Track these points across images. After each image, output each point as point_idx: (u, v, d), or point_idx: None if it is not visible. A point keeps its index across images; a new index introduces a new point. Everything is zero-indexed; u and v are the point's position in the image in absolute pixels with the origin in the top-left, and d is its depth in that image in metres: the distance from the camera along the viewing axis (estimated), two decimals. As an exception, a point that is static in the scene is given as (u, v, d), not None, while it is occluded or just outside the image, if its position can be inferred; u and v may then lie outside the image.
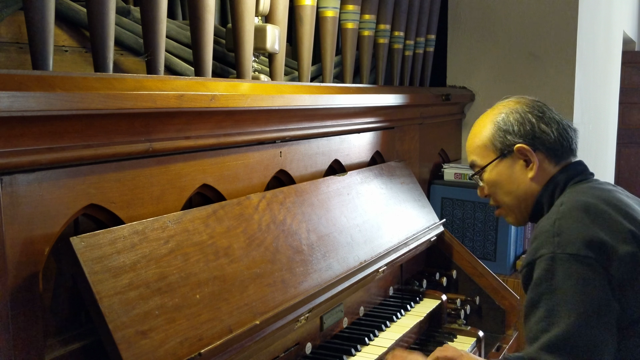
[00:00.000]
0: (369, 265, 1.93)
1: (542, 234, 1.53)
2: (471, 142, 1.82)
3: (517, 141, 1.70)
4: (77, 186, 1.25)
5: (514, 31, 3.20)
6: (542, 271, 1.48)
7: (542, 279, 1.48)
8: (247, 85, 1.66)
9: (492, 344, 2.34)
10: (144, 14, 1.48)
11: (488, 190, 1.79)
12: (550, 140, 1.69)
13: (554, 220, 1.53)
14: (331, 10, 2.23)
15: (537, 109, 1.73)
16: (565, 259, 1.46)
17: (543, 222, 1.58)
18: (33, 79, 1.09)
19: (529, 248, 1.59)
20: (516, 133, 1.70)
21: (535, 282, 1.50)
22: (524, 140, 1.69)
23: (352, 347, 1.82)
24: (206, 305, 1.34)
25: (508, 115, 1.73)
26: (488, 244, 2.96)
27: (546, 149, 1.69)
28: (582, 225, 1.49)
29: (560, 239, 1.49)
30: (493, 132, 1.74)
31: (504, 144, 1.72)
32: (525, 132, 1.69)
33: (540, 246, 1.52)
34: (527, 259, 1.56)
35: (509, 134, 1.71)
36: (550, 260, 1.48)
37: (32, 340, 1.16)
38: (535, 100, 1.77)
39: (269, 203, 1.70)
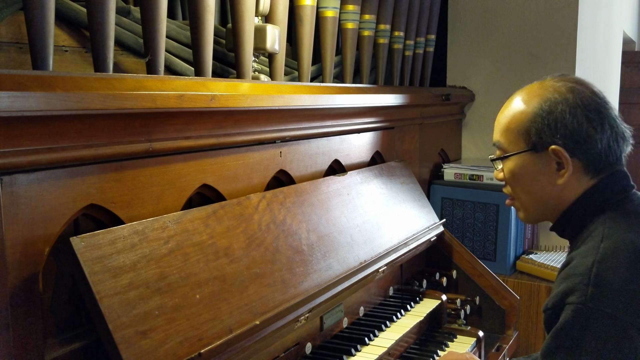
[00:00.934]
0: (369, 265, 1.93)
1: (575, 277, 1.29)
2: (503, 119, 1.55)
3: (555, 141, 1.42)
4: (77, 186, 1.25)
5: (514, 31, 3.20)
6: (568, 322, 1.27)
7: (565, 331, 1.27)
8: (247, 85, 1.66)
9: (492, 344, 2.34)
10: (144, 14, 1.48)
11: (506, 178, 1.57)
12: (594, 151, 1.41)
13: (592, 263, 1.28)
14: (331, 10, 2.23)
15: (595, 107, 1.42)
16: (599, 318, 1.23)
17: (578, 259, 1.33)
18: (33, 79, 1.09)
19: (557, 285, 1.34)
20: (557, 131, 1.42)
21: (558, 329, 1.28)
22: (563, 141, 1.41)
23: (352, 347, 1.82)
24: (206, 305, 1.34)
25: (557, 105, 1.43)
26: (488, 244, 2.96)
27: (586, 158, 1.42)
28: (628, 277, 1.25)
29: (596, 291, 1.25)
30: (532, 119, 1.46)
31: (540, 139, 1.45)
32: (568, 133, 1.41)
33: (570, 290, 1.28)
34: (553, 301, 1.32)
35: (549, 128, 1.43)
36: (579, 313, 1.25)
37: (32, 340, 1.16)
38: (595, 93, 1.46)
39: (269, 203, 1.70)
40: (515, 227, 2.95)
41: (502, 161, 1.55)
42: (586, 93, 1.45)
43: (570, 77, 1.52)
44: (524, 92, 1.54)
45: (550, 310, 1.33)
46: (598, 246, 1.32)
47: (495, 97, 3.30)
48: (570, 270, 1.33)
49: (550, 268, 2.84)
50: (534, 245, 3.22)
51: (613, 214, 1.40)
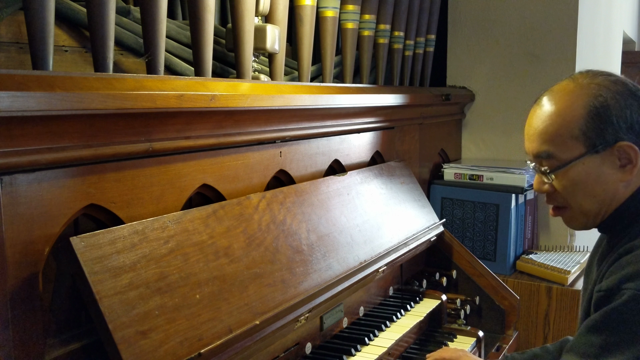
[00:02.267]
0: (369, 265, 1.93)
1: (636, 264, 1.30)
2: (547, 126, 1.44)
3: (621, 136, 1.36)
4: (77, 186, 1.25)
5: (514, 31, 3.20)
6: (623, 305, 1.28)
7: (618, 311, 1.28)
8: (247, 85, 1.66)
9: (492, 344, 2.34)
10: (144, 14, 1.48)
11: (560, 190, 1.46)
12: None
13: None
14: (331, 10, 2.23)
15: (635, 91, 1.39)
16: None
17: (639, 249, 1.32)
18: (33, 79, 1.09)
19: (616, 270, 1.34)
20: (620, 126, 1.35)
21: (612, 309, 1.30)
22: (628, 135, 1.36)
23: (352, 347, 1.82)
24: (206, 305, 1.34)
25: (608, 100, 1.36)
26: (488, 244, 2.96)
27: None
28: None
29: None
30: (588, 119, 1.37)
31: (602, 137, 1.36)
32: (629, 126, 1.35)
33: (632, 276, 1.29)
34: (609, 284, 1.32)
35: (610, 124, 1.35)
36: (635, 299, 1.27)
37: (32, 340, 1.16)
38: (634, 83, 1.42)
39: (268, 203, 1.70)
40: (515, 227, 2.95)
41: (559, 171, 1.44)
42: (630, 83, 1.40)
43: (601, 70, 1.45)
44: (559, 94, 1.45)
45: (604, 292, 1.33)
46: None
47: (495, 97, 3.30)
48: (631, 258, 1.32)
49: (550, 268, 2.84)
50: (534, 245, 3.22)
51: None
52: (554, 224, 3.20)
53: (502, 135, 3.30)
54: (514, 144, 3.26)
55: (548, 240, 3.22)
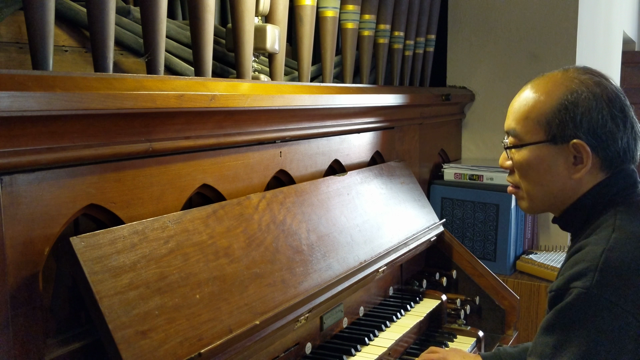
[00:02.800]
0: (369, 265, 1.93)
1: (583, 262, 1.31)
2: (521, 106, 1.51)
3: (578, 135, 1.40)
4: (77, 186, 1.25)
5: (514, 31, 3.20)
6: (570, 304, 1.29)
7: (567, 310, 1.30)
8: (247, 85, 1.66)
9: (492, 344, 2.34)
10: (144, 14, 1.48)
11: (515, 167, 1.54)
12: (614, 148, 1.40)
13: (601, 251, 1.30)
14: (331, 10, 2.23)
15: (619, 104, 1.41)
16: (601, 304, 1.26)
17: (589, 246, 1.35)
18: (33, 79, 1.09)
19: (565, 270, 1.37)
20: (582, 125, 1.39)
21: (561, 308, 1.31)
22: (586, 136, 1.39)
23: (352, 347, 1.82)
24: (206, 305, 1.34)
25: (583, 98, 1.40)
26: (488, 244, 2.96)
27: (604, 155, 1.41)
28: (634, 269, 1.28)
29: (602, 278, 1.27)
30: (555, 111, 1.42)
31: (562, 131, 1.42)
32: (591, 128, 1.39)
33: (577, 275, 1.30)
34: (558, 284, 1.35)
35: (573, 121, 1.40)
36: (582, 297, 1.28)
37: (32, 340, 1.16)
38: (619, 91, 1.44)
39: (269, 203, 1.70)
40: (515, 227, 2.95)
41: (517, 150, 1.52)
42: (610, 88, 1.42)
43: (595, 70, 1.48)
44: (545, 80, 1.50)
45: (554, 292, 1.35)
46: (609, 236, 1.33)
47: (495, 97, 3.30)
48: (579, 256, 1.35)
49: (550, 268, 2.84)
50: (534, 245, 3.22)
51: (624, 208, 1.40)
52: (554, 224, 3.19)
53: (502, 135, 3.29)
54: (514, 144, 3.26)
55: (548, 240, 3.22)
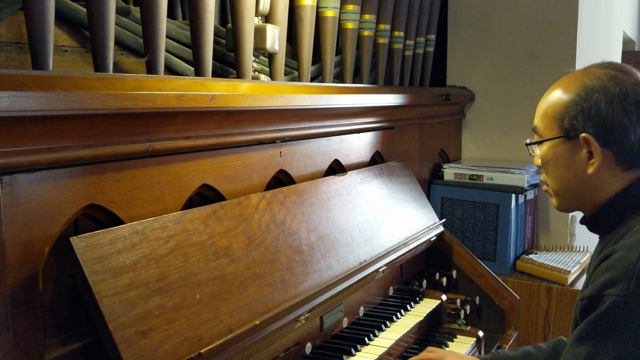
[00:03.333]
0: (369, 265, 1.93)
1: (617, 269, 1.29)
2: (542, 104, 1.53)
3: (587, 129, 1.40)
4: (77, 186, 1.25)
5: (514, 31, 3.20)
6: (606, 312, 1.27)
7: (602, 320, 1.28)
8: (247, 85, 1.66)
9: (492, 344, 2.34)
10: (144, 14, 1.48)
11: (541, 164, 1.55)
12: (627, 142, 1.39)
13: (637, 258, 1.28)
14: (331, 10, 2.23)
15: (635, 97, 1.39)
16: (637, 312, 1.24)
17: (622, 251, 1.32)
18: (33, 79, 1.09)
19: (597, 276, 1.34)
20: (590, 119, 1.40)
21: (595, 317, 1.29)
22: (595, 130, 1.40)
23: (352, 347, 1.82)
24: (206, 305, 1.34)
25: (594, 92, 1.40)
26: (488, 244, 2.96)
27: (617, 150, 1.40)
28: None
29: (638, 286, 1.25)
30: (568, 106, 1.44)
31: (572, 126, 1.43)
32: (601, 122, 1.39)
33: (613, 282, 1.28)
34: (591, 291, 1.32)
35: (583, 116, 1.41)
36: (619, 305, 1.25)
37: (32, 340, 1.16)
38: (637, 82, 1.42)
39: (268, 203, 1.70)
40: (515, 227, 2.95)
41: (538, 146, 1.54)
42: (628, 82, 1.41)
43: (617, 64, 1.47)
44: (566, 78, 1.51)
45: (586, 300, 1.33)
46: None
47: (495, 97, 3.30)
48: (612, 262, 1.32)
49: (550, 268, 2.84)
50: (534, 245, 3.22)
51: None
52: (554, 224, 3.20)
53: (502, 135, 3.31)
54: (514, 144, 3.26)
55: (548, 240, 3.22)
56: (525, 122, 3.20)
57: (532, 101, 3.32)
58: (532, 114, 1.56)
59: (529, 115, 3.21)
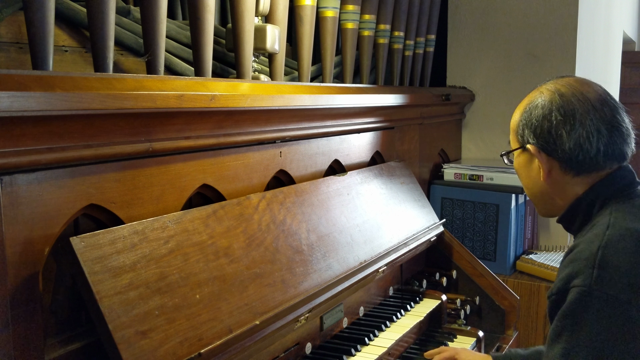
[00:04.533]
0: (369, 265, 1.93)
1: (580, 261, 1.34)
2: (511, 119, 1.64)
3: (531, 140, 1.52)
4: (77, 186, 1.25)
5: (514, 31, 3.20)
6: (572, 304, 1.31)
7: (569, 312, 1.32)
8: (247, 85, 1.66)
9: (492, 344, 2.34)
10: (144, 14, 1.48)
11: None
12: (562, 150, 1.48)
13: (597, 248, 1.34)
14: (331, 10, 2.23)
15: (571, 105, 1.47)
16: (602, 299, 1.28)
17: (582, 245, 1.39)
18: (33, 79, 1.09)
19: (561, 271, 1.40)
20: (533, 130, 1.52)
21: (563, 312, 1.33)
22: (537, 141, 1.51)
23: (352, 347, 1.82)
24: (206, 305, 1.34)
25: (537, 107, 1.51)
26: (488, 244, 2.96)
27: (559, 158, 1.49)
28: (631, 262, 1.30)
29: (601, 273, 1.30)
30: (518, 121, 1.57)
31: (523, 138, 1.56)
32: (541, 132, 1.50)
33: (575, 274, 1.33)
34: (557, 286, 1.37)
35: (528, 128, 1.53)
36: (583, 295, 1.30)
37: (32, 340, 1.16)
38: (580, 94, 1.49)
39: (268, 203, 1.70)
40: (515, 227, 2.95)
41: (505, 156, 1.68)
42: (567, 94, 1.49)
43: (566, 77, 1.56)
44: (530, 94, 1.60)
45: (555, 296, 1.38)
46: (604, 233, 1.37)
47: (495, 97, 3.30)
48: (575, 255, 1.38)
49: (550, 268, 2.84)
50: (534, 245, 3.22)
51: (619, 206, 1.44)
52: (554, 224, 3.18)
53: (502, 135, 3.30)
54: (514, 144, 3.26)
55: (548, 240, 3.22)
56: (525, 122, 3.20)
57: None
58: None
59: (529, 115, 3.22)
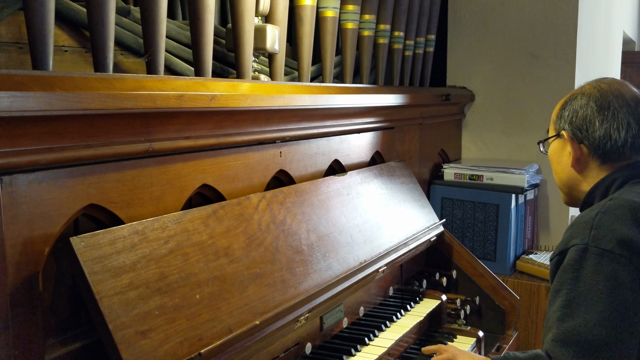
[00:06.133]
0: (369, 265, 1.93)
1: (579, 224, 1.51)
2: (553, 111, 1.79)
3: (566, 127, 1.68)
4: (77, 186, 1.25)
5: (514, 31, 3.20)
6: (571, 260, 1.46)
7: (569, 268, 1.46)
8: (247, 85, 1.66)
9: (492, 344, 2.34)
10: (144, 14, 1.48)
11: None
12: (592, 138, 1.63)
13: (596, 213, 1.50)
14: (331, 10, 2.23)
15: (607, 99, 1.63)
16: (598, 253, 1.43)
17: (586, 212, 1.56)
18: (33, 79, 1.09)
19: (563, 236, 1.56)
20: (568, 119, 1.67)
21: (563, 268, 1.48)
22: (571, 128, 1.67)
23: (352, 347, 1.82)
24: (206, 305, 1.34)
25: (577, 98, 1.68)
26: (488, 244, 2.96)
27: (589, 145, 1.64)
28: (623, 224, 1.46)
29: (596, 232, 1.46)
30: (558, 111, 1.73)
31: (559, 126, 1.71)
32: (575, 121, 1.66)
33: (574, 235, 1.50)
34: (559, 248, 1.53)
35: (564, 117, 1.69)
36: (581, 252, 1.45)
37: (32, 340, 1.16)
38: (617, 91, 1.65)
39: (268, 203, 1.70)
40: (515, 227, 2.95)
41: (541, 143, 1.84)
42: (606, 90, 1.65)
43: (612, 79, 1.71)
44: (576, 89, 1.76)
45: (557, 257, 1.53)
46: (605, 203, 1.54)
47: (495, 97, 3.30)
48: (575, 220, 1.55)
49: (550, 268, 2.84)
50: (534, 245, 3.22)
51: (632, 187, 1.59)
52: (554, 224, 3.20)
53: (502, 135, 3.31)
54: (514, 144, 3.26)
55: (548, 240, 3.22)
56: (525, 122, 3.20)
57: (532, 101, 3.33)
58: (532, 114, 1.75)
59: (529, 115, 3.22)
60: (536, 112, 3.15)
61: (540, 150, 1.85)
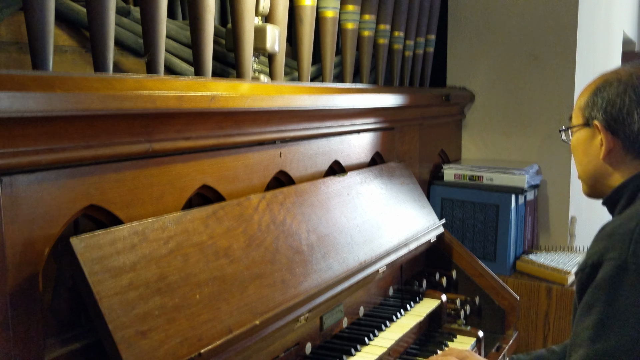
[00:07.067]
0: (369, 265, 1.93)
1: (616, 235, 1.37)
2: (578, 98, 1.68)
3: (597, 116, 1.56)
4: (77, 187, 1.25)
5: (514, 31, 3.20)
6: (607, 276, 1.34)
7: (604, 284, 1.34)
8: (247, 85, 1.66)
9: (492, 344, 2.34)
10: (144, 14, 1.48)
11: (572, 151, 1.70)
12: (629, 130, 1.52)
13: (635, 224, 1.37)
14: (331, 10, 2.23)
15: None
16: (638, 271, 1.31)
17: (619, 221, 1.42)
18: (33, 79, 1.09)
19: (594, 245, 1.43)
20: (601, 108, 1.56)
21: (597, 284, 1.35)
22: (604, 117, 1.55)
23: (352, 347, 1.82)
24: (206, 305, 1.34)
25: (610, 86, 1.56)
26: (488, 244, 2.96)
27: (624, 137, 1.54)
28: None
29: (636, 247, 1.33)
30: (587, 99, 1.61)
31: (589, 115, 1.59)
32: (609, 110, 1.54)
33: (610, 248, 1.36)
34: (591, 259, 1.40)
35: (596, 106, 1.57)
36: (619, 268, 1.33)
37: (32, 340, 1.17)
38: None
39: (268, 203, 1.70)
40: (515, 228, 2.95)
41: (564, 132, 1.73)
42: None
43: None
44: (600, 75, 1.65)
45: (588, 268, 1.40)
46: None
47: (495, 97, 3.30)
48: (611, 230, 1.41)
49: (550, 268, 2.84)
50: (534, 245, 3.22)
51: None
52: (554, 224, 3.20)
53: (502, 135, 3.31)
54: (514, 144, 3.26)
55: (548, 240, 3.22)
56: (526, 122, 3.20)
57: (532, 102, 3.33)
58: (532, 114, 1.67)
59: (529, 115, 3.22)
60: (536, 113, 3.15)
61: (561, 139, 1.74)
